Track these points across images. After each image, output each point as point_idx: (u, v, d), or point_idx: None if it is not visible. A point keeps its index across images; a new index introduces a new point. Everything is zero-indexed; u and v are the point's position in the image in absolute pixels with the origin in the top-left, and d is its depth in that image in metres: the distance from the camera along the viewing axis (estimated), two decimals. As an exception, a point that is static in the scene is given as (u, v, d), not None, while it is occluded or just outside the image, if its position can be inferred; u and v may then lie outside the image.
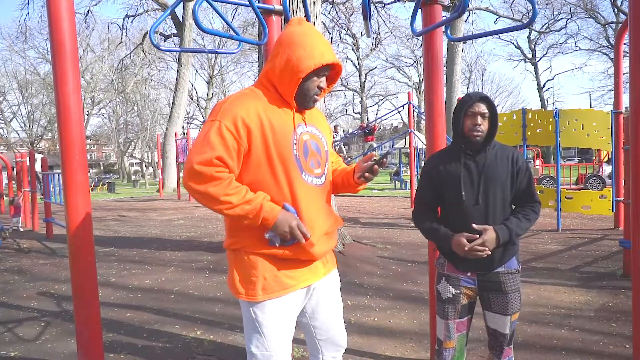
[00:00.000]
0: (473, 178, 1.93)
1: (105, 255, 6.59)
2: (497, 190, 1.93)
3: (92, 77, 37.82)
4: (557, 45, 39.80)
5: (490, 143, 1.95)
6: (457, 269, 1.99)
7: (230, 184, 1.54)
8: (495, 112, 1.92)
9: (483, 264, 1.94)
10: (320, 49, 1.59)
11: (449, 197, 1.97)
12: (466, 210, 1.92)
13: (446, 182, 1.97)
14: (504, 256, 1.95)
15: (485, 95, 1.92)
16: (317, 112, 1.83)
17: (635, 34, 2.18)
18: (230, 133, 1.53)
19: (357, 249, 6.25)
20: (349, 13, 20.19)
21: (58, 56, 2.21)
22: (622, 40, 6.97)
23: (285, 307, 1.68)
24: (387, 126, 51.62)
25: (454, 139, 1.99)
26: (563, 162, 26.68)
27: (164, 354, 3.17)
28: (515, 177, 1.96)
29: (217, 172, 1.51)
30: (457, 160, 1.97)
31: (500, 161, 1.95)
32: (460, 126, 1.93)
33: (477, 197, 1.92)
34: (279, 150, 1.59)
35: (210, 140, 1.52)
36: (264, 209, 1.55)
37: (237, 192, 1.54)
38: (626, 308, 3.79)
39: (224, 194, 1.52)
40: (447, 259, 2.02)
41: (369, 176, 1.74)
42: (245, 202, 1.54)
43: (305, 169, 1.66)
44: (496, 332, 2.03)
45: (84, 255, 2.33)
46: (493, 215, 1.92)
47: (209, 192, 1.51)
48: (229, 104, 1.58)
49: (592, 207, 7.69)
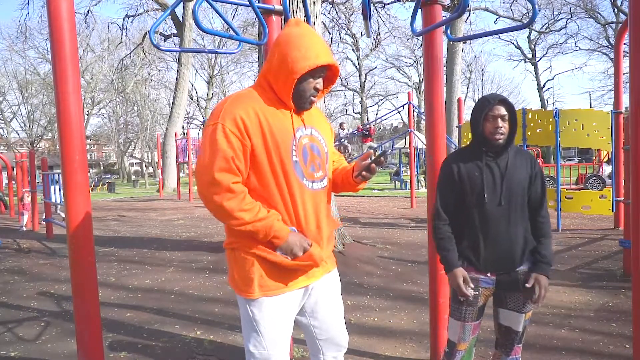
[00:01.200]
0: (495, 179, 1.94)
1: (105, 255, 6.59)
2: (519, 192, 1.94)
3: (92, 77, 37.83)
4: (557, 45, 39.84)
5: (511, 144, 1.96)
6: (477, 270, 1.98)
7: (245, 199, 1.55)
8: (515, 114, 1.93)
9: (505, 264, 1.95)
10: (315, 50, 1.59)
11: (471, 199, 1.96)
12: (488, 211, 1.92)
13: (469, 182, 1.96)
14: (524, 255, 1.96)
15: (504, 97, 1.92)
16: (316, 112, 1.82)
17: (635, 34, 2.18)
18: (234, 134, 1.54)
19: (357, 249, 6.25)
20: (349, 13, 20.17)
21: (58, 56, 2.21)
22: (622, 40, 6.97)
23: (282, 306, 1.68)
24: (387, 126, 51.65)
25: (473, 141, 1.99)
26: (563, 162, 26.67)
27: (164, 354, 3.17)
28: (533, 181, 1.97)
29: (233, 183, 1.53)
30: (479, 161, 1.96)
31: (520, 163, 1.97)
32: (480, 129, 1.93)
33: (500, 199, 1.92)
34: (279, 156, 1.60)
35: (219, 145, 1.53)
36: (273, 228, 1.57)
37: (251, 209, 1.55)
38: (626, 308, 3.79)
39: (239, 209, 1.54)
40: (466, 261, 1.99)
41: (367, 175, 1.73)
42: (257, 220, 1.56)
43: (305, 174, 1.66)
44: (509, 329, 2.03)
45: (84, 255, 2.33)
46: (515, 216, 1.93)
47: (224, 206, 1.53)
48: (228, 105, 1.58)
49: (592, 207, 7.69)
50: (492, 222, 1.92)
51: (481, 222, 1.94)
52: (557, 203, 7.70)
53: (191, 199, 16.40)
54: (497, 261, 1.94)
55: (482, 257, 1.95)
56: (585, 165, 18.71)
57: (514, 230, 1.93)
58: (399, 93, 48.22)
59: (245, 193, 1.57)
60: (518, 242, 1.93)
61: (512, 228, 1.92)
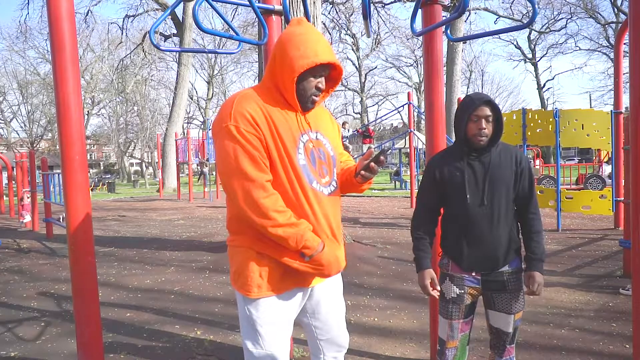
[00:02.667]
0: (478, 179, 1.92)
1: (105, 255, 6.59)
2: (502, 190, 1.92)
3: (92, 77, 37.84)
4: (557, 45, 39.89)
5: (496, 144, 1.94)
6: (461, 269, 1.98)
7: (278, 200, 1.53)
8: (500, 114, 1.91)
9: (488, 264, 1.94)
10: (315, 49, 1.57)
11: (453, 199, 1.96)
12: (471, 211, 1.91)
13: (450, 183, 1.96)
14: (508, 255, 1.95)
15: (488, 98, 1.89)
16: (322, 113, 1.80)
17: (635, 34, 2.18)
18: (249, 133, 1.53)
19: (357, 249, 6.25)
20: (349, 13, 20.17)
21: (58, 56, 2.21)
22: (622, 40, 6.97)
23: (281, 306, 1.67)
24: (387, 126, 51.63)
25: (457, 141, 1.98)
26: (563, 162, 26.68)
27: (164, 354, 3.17)
28: (518, 177, 1.95)
29: (267, 182, 1.52)
30: (461, 161, 1.95)
31: (504, 161, 1.94)
32: (463, 129, 1.91)
33: (482, 198, 1.91)
34: (288, 155, 1.58)
35: (241, 145, 1.51)
36: (304, 237, 1.55)
37: (284, 211, 1.54)
38: (626, 308, 3.79)
39: (274, 209, 1.51)
40: (450, 259, 2.02)
41: (366, 174, 1.69)
42: (289, 225, 1.53)
43: (315, 177, 1.64)
44: (499, 330, 2.03)
45: (84, 255, 2.33)
46: (498, 216, 1.91)
47: (261, 203, 1.51)
48: (237, 104, 1.56)
49: (592, 207, 7.69)
50: (475, 223, 1.91)
51: (464, 222, 1.93)
52: (557, 203, 7.70)
53: (191, 199, 16.40)
54: (481, 261, 1.93)
55: (465, 256, 1.94)
56: (585, 165, 18.73)
57: (497, 230, 1.91)
58: (399, 93, 48.27)
59: (278, 195, 1.55)
60: (501, 243, 1.92)
61: (495, 228, 1.91)
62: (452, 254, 2.00)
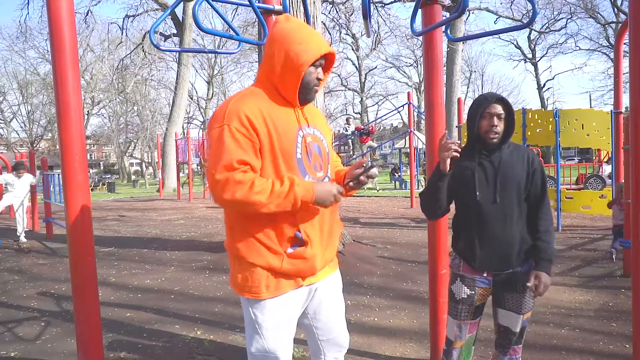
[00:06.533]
0: (488, 177, 1.94)
1: (105, 255, 6.59)
2: (514, 189, 1.93)
3: (92, 77, 37.83)
4: (557, 45, 39.80)
5: (506, 143, 1.96)
6: (473, 270, 1.98)
7: (253, 184, 1.51)
8: (512, 112, 1.93)
9: (500, 263, 1.95)
10: (315, 41, 1.61)
11: (464, 197, 1.98)
12: (483, 209, 1.93)
13: (460, 181, 1.97)
14: (520, 255, 1.95)
15: (501, 96, 1.92)
16: (317, 112, 1.83)
17: (635, 34, 2.18)
18: (241, 134, 1.53)
19: (357, 248, 6.25)
20: (349, 13, 20.20)
21: (58, 56, 2.22)
22: (622, 40, 6.95)
23: (285, 309, 1.67)
24: (387, 126, 51.62)
25: (469, 140, 2.00)
26: (563, 162, 26.66)
27: (164, 354, 3.17)
28: (531, 177, 1.97)
29: (238, 175, 1.50)
30: (472, 159, 1.97)
31: (516, 160, 1.96)
32: (475, 127, 1.94)
33: (494, 196, 1.92)
34: (283, 152, 1.59)
35: (226, 146, 1.51)
36: (297, 197, 1.54)
37: (262, 190, 1.51)
38: (626, 308, 3.79)
39: (251, 194, 1.50)
40: (463, 260, 2.02)
41: (354, 185, 1.71)
42: (276, 196, 1.52)
43: (309, 172, 1.66)
44: (507, 329, 2.03)
45: (84, 255, 2.33)
46: (511, 214, 1.92)
47: (236, 199, 1.50)
48: (232, 105, 1.57)
49: (592, 207, 7.69)
50: (487, 222, 1.92)
51: (476, 221, 1.94)
52: (557, 203, 7.70)
53: (191, 199, 16.40)
54: (493, 261, 1.94)
55: (477, 256, 1.95)
56: (585, 165, 18.71)
57: (510, 229, 1.92)
58: (399, 93, 48.14)
59: (254, 179, 1.52)
60: (514, 242, 1.93)
61: (508, 227, 1.92)
62: (465, 255, 2.00)
